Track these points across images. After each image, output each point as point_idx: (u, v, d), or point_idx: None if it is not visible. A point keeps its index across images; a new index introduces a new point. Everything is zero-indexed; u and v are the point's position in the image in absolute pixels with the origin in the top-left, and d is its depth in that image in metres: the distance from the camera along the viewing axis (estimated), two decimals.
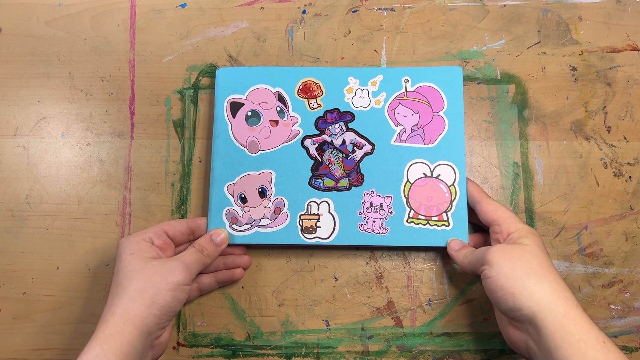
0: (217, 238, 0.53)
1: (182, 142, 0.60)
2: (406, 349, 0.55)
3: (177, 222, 0.53)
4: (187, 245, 0.55)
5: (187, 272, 0.48)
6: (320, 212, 0.55)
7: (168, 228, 0.52)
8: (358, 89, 0.58)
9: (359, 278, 0.57)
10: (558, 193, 0.58)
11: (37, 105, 0.61)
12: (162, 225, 0.52)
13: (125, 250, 0.49)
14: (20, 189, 0.59)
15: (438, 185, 0.56)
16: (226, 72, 0.59)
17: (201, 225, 0.55)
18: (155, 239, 0.51)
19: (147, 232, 0.51)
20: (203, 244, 0.52)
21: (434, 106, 0.57)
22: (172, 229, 0.53)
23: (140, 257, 0.48)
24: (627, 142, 0.59)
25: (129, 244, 0.49)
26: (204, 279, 0.55)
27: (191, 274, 0.49)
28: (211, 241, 0.53)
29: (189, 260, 0.49)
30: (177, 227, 0.53)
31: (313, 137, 0.57)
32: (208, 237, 0.53)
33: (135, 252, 0.48)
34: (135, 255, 0.48)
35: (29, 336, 0.56)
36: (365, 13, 0.62)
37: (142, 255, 0.48)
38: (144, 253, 0.48)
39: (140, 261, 0.48)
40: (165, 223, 0.53)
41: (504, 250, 0.47)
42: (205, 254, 0.51)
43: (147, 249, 0.49)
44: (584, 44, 0.61)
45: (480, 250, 0.49)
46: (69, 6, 0.63)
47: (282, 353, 0.55)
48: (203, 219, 0.55)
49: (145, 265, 0.47)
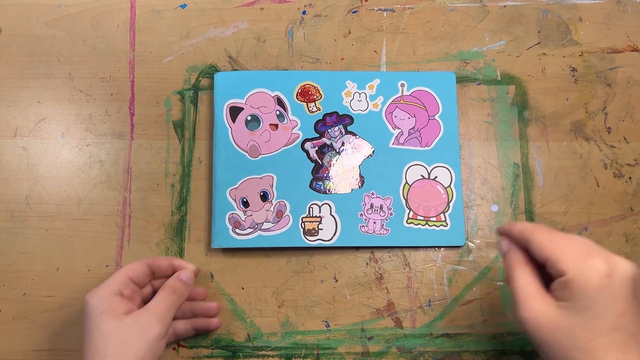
0: (184, 276, 0.52)
1: (182, 143, 0.60)
2: (406, 350, 0.55)
3: (137, 265, 0.51)
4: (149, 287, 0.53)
5: (163, 323, 0.47)
6: (322, 215, 0.56)
7: (132, 275, 0.50)
8: (356, 93, 0.58)
9: (359, 279, 0.57)
10: (558, 194, 0.58)
11: (37, 105, 0.61)
12: (125, 272, 0.50)
13: (95, 309, 0.46)
14: (20, 190, 0.59)
15: (435, 187, 0.57)
16: (225, 77, 0.59)
17: (161, 265, 0.53)
18: (124, 289, 0.49)
19: (114, 284, 0.48)
20: (173, 285, 0.50)
21: (430, 110, 0.58)
22: (136, 275, 0.50)
23: (113, 315, 0.46)
24: (627, 143, 0.59)
25: (97, 300, 0.47)
26: (180, 325, 0.53)
27: (166, 323, 0.48)
28: (180, 280, 0.51)
29: (161, 310, 0.48)
30: (139, 271, 0.51)
31: (313, 140, 0.57)
32: (176, 277, 0.51)
33: (106, 310, 0.46)
34: (106, 313, 0.46)
35: (29, 337, 0.56)
36: (365, 14, 0.62)
37: (115, 312, 0.46)
38: (116, 309, 0.46)
39: (113, 320, 0.46)
40: (127, 269, 0.50)
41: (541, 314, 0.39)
42: (177, 295, 0.50)
43: (118, 305, 0.47)
44: (584, 45, 0.61)
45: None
46: (68, 6, 0.63)
47: (282, 354, 0.55)
48: (162, 259, 0.54)
49: (119, 325, 0.45)
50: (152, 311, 0.47)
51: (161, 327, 0.47)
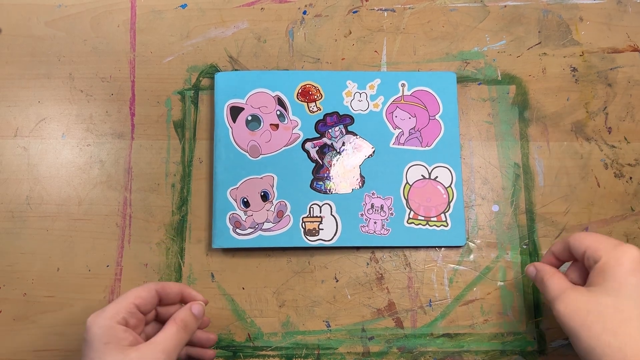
0: (196, 311, 0.48)
1: (182, 143, 0.60)
2: (407, 350, 0.55)
3: (145, 291, 0.47)
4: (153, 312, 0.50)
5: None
6: (322, 215, 0.56)
7: (139, 302, 0.46)
8: (356, 93, 0.58)
9: (360, 279, 0.57)
10: (559, 194, 0.58)
11: (38, 106, 0.61)
12: (132, 299, 0.45)
13: (98, 339, 0.42)
14: (20, 190, 0.59)
15: (436, 187, 0.57)
16: (225, 77, 0.59)
17: (170, 293, 0.49)
18: (129, 318, 0.45)
19: (119, 311, 0.44)
20: (185, 319, 0.46)
21: (430, 110, 0.58)
22: (143, 303, 0.46)
23: (117, 348, 0.42)
24: (627, 143, 0.59)
25: (100, 329, 0.43)
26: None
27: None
28: (192, 315, 0.47)
29: (170, 347, 0.44)
30: (147, 299, 0.46)
31: (313, 140, 0.57)
32: (188, 310, 0.47)
33: (110, 342, 0.42)
34: (111, 345, 0.42)
35: (29, 337, 0.56)
36: (366, 14, 0.62)
37: (119, 345, 0.42)
38: (121, 341, 0.43)
39: (117, 353, 0.42)
40: (134, 295, 0.46)
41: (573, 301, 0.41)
42: (187, 331, 0.46)
43: (122, 336, 0.43)
44: (585, 45, 0.61)
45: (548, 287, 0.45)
46: (69, 7, 0.63)
47: (282, 354, 0.55)
48: (172, 285, 0.49)
49: (123, 358, 0.42)
50: (159, 348, 0.43)
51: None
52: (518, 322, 0.55)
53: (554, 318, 0.55)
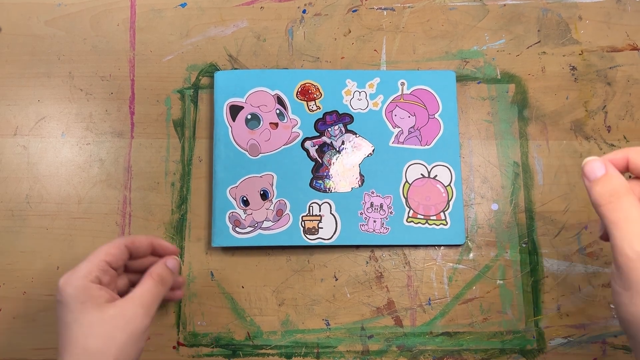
0: (172, 265, 0.48)
1: (182, 142, 0.60)
2: (406, 349, 0.55)
3: (114, 248, 0.46)
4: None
5: (149, 315, 0.43)
6: (322, 213, 0.56)
7: (110, 259, 0.45)
8: (356, 91, 0.58)
9: (359, 277, 0.57)
10: (558, 192, 0.58)
11: (37, 104, 0.61)
12: (102, 257, 0.45)
13: (74, 299, 0.42)
14: (20, 189, 0.59)
15: (435, 186, 0.57)
16: (225, 76, 0.59)
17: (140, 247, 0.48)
18: (102, 276, 0.44)
19: (92, 270, 0.43)
20: (161, 273, 0.46)
21: (430, 109, 0.58)
22: (114, 258, 0.45)
23: (94, 306, 0.41)
24: (627, 142, 0.59)
25: (75, 289, 0.42)
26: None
27: (152, 315, 0.44)
28: (167, 269, 0.47)
29: (148, 301, 0.44)
30: (117, 255, 0.46)
31: (313, 139, 0.57)
32: (163, 265, 0.47)
33: (87, 301, 0.41)
34: (87, 304, 0.41)
35: (30, 336, 0.56)
36: (365, 12, 0.62)
37: (95, 303, 0.42)
38: (97, 299, 0.42)
39: (95, 311, 0.41)
40: (104, 252, 0.45)
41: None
42: (164, 285, 0.46)
43: (98, 294, 0.42)
44: (584, 44, 0.61)
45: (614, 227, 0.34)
46: (68, 6, 0.63)
47: (282, 352, 0.55)
48: (141, 238, 0.49)
49: (102, 316, 0.41)
50: (137, 302, 0.43)
51: (147, 319, 0.43)
52: (517, 321, 0.55)
53: (553, 316, 0.55)
